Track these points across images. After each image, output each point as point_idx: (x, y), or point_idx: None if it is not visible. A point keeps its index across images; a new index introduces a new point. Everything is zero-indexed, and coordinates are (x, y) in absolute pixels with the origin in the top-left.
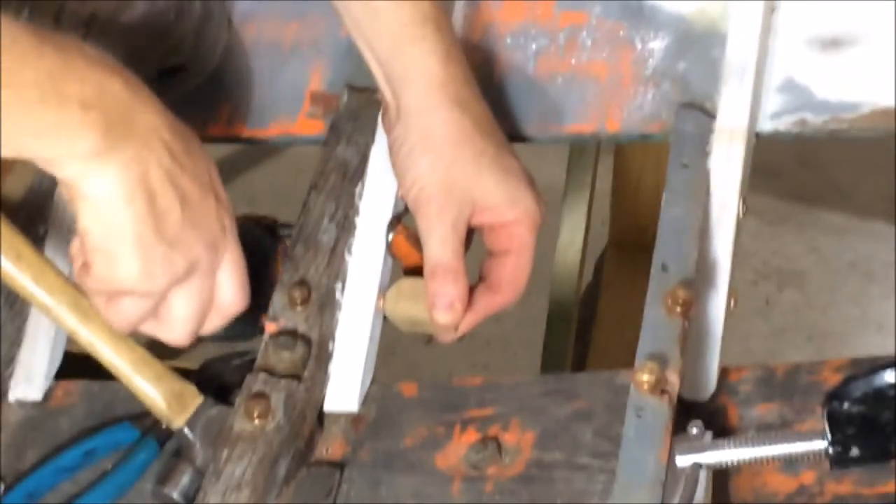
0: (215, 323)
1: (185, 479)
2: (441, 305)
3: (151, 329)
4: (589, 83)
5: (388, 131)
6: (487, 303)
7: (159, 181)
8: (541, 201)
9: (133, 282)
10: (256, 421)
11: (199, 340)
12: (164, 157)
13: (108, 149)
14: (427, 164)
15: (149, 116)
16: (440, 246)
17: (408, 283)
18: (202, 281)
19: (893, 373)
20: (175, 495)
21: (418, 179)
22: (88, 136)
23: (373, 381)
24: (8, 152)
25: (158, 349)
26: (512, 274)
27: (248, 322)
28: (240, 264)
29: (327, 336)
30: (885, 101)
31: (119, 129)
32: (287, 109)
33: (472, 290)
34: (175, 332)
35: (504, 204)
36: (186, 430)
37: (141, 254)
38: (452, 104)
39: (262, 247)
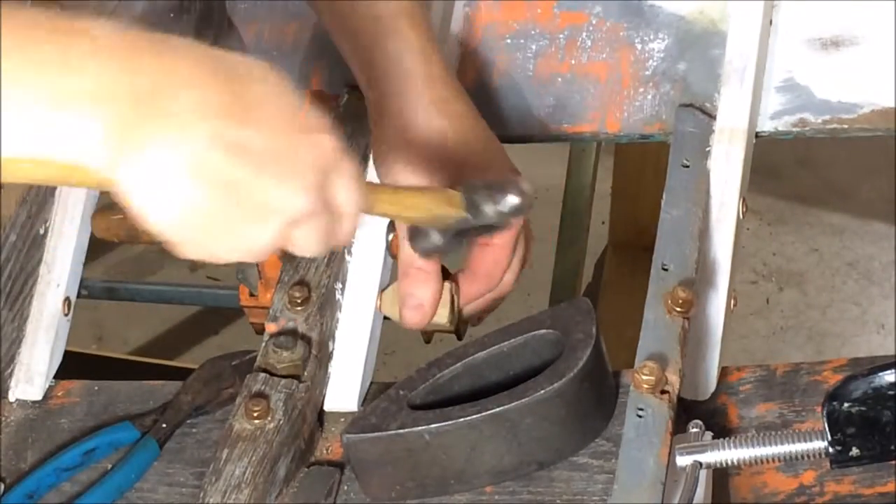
0: (347, 233)
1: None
2: (410, 305)
3: (291, 251)
4: (589, 84)
5: (371, 130)
6: (466, 290)
7: (217, 154)
8: (528, 202)
9: (235, 256)
10: (256, 421)
11: None
12: (215, 126)
13: (132, 139)
14: (403, 167)
15: (187, 92)
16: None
17: None
18: (312, 221)
19: (893, 373)
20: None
21: (396, 181)
22: (102, 131)
23: (372, 382)
24: (26, 169)
25: (158, 349)
26: (490, 266)
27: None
28: (354, 178)
29: (327, 336)
30: (885, 101)
31: (143, 116)
32: None
33: (455, 277)
34: (314, 252)
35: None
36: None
37: (226, 237)
38: (430, 105)
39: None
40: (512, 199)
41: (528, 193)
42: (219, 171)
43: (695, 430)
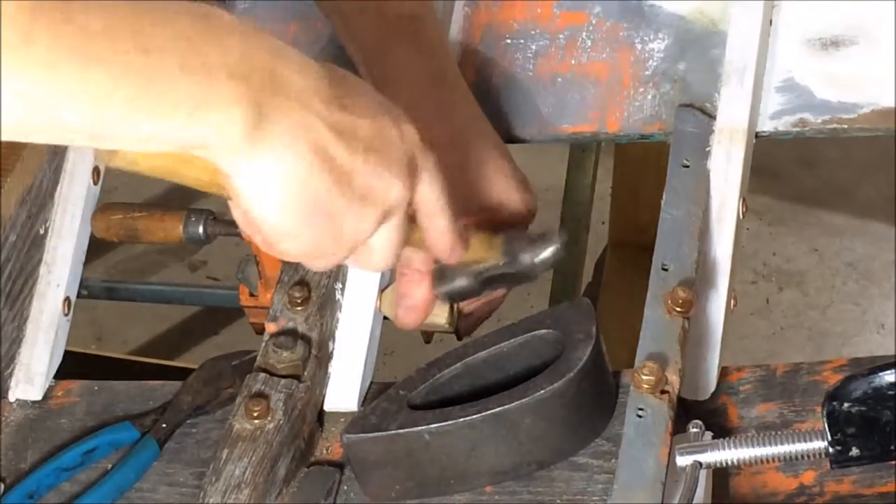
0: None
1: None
2: (405, 306)
3: (351, 263)
4: (589, 84)
5: None
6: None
7: (333, 141)
8: (531, 202)
9: (329, 251)
10: (256, 421)
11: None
12: (329, 111)
13: (261, 123)
14: None
15: (300, 76)
16: (412, 249)
17: None
18: (400, 214)
19: (893, 373)
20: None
21: None
22: (237, 111)
23: (372, 382)
24: (152, 142)
25: (158, 349)
26: None
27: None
28: (439, 171)
29: (327, 336)
30: (885, 101)
31: (270, 97)
32: None
33: None
34: (378, 262)
35: (490, 208)
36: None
37: (331, 226)
38: (437, 107)
39: None
40: (549, 252)
41: (564, 245)
42: (333, 155)
43: (695, 430)
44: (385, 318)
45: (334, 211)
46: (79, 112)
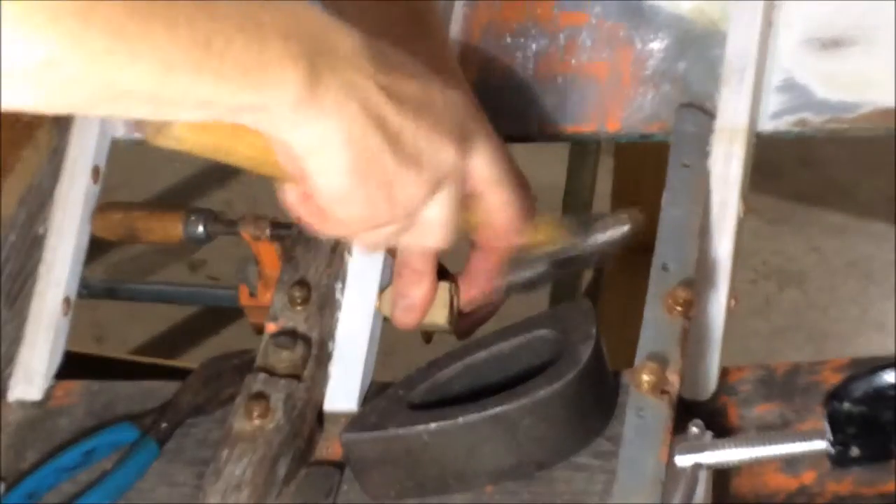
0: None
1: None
2: (402, 306)
3: (406, 240)
4: (589, 83)
5: None
6: (464, 293)
7: (383, 102)
8: (530, 205)
9: (383, 219)
10: (256, 421)
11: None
12: (377, 73)
13: (317, 83)
14: None
15: (348, 38)
16: (410, 248)
17: None
18: (455, 182)
19: (893, 373)
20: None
21: None
22: (294, 71)
23: (372, 382)
24: (211, 107)
25: (158, 349)
26: (486, 272)
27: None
28: (493, 140)
29: (327, 336)
30: (885, 101)
31: (322, 58)
32: None
33: (455, 278)
34: (433, 238)
35: (489, 209)
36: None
37: (385, 190)
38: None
39: None
40: (622, 231)
41: (637, 224)
42: (384, 116)
43: (695, 430)
44: (385, 318)
45: (387, 173)
46: (144, 74)
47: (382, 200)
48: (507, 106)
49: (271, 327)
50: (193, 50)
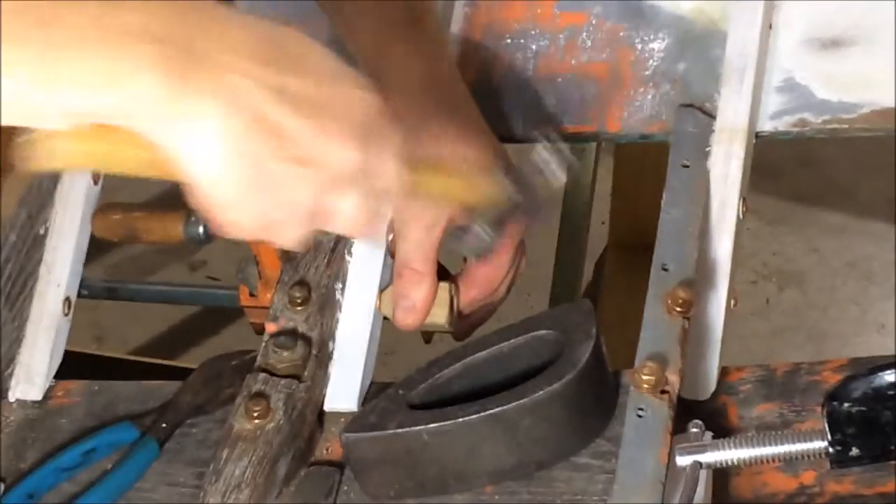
0: (387, 213)
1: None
2: (402, 307)
3: (329, 228)
4: (589, 84)
5: None
6: (464, 294)
7: (267, 101)
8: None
9: (278, 220)
10: (256, 421)
11: None
12: (264, 72)
13: (183, 83)
14: None
15: (231, 37)
16: (411, 248)
17: None
18: (365, 179)
19: (893, 373)
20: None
21: None
22: (151, 72)
23: (372, 381)
24: (78, 116)
25: (158, 349)
26: (485, 273)
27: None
28: (397, 143)
29: (327, 336)
30: (885, 101)
31: (190, 60)
32: None
33: (455, 278)
34: (352, 232)
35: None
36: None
37: (273, 192)
38: (436, 107)
39: None
40: (558, 167)
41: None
42: (272, 118)
43: (695, 430)
44: (385, 318)
45: (273, 174)
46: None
47: (273, 204)
48: (507, 106)
49: (271, 327)
50: (31, 63)
